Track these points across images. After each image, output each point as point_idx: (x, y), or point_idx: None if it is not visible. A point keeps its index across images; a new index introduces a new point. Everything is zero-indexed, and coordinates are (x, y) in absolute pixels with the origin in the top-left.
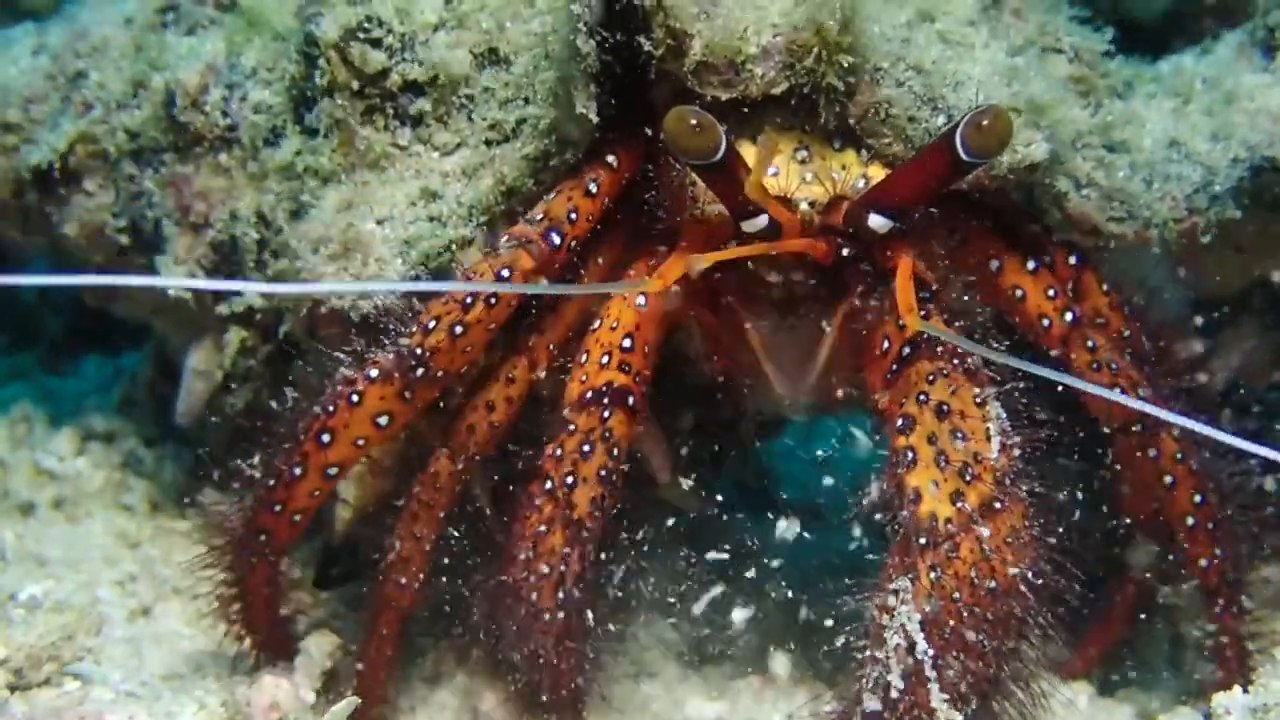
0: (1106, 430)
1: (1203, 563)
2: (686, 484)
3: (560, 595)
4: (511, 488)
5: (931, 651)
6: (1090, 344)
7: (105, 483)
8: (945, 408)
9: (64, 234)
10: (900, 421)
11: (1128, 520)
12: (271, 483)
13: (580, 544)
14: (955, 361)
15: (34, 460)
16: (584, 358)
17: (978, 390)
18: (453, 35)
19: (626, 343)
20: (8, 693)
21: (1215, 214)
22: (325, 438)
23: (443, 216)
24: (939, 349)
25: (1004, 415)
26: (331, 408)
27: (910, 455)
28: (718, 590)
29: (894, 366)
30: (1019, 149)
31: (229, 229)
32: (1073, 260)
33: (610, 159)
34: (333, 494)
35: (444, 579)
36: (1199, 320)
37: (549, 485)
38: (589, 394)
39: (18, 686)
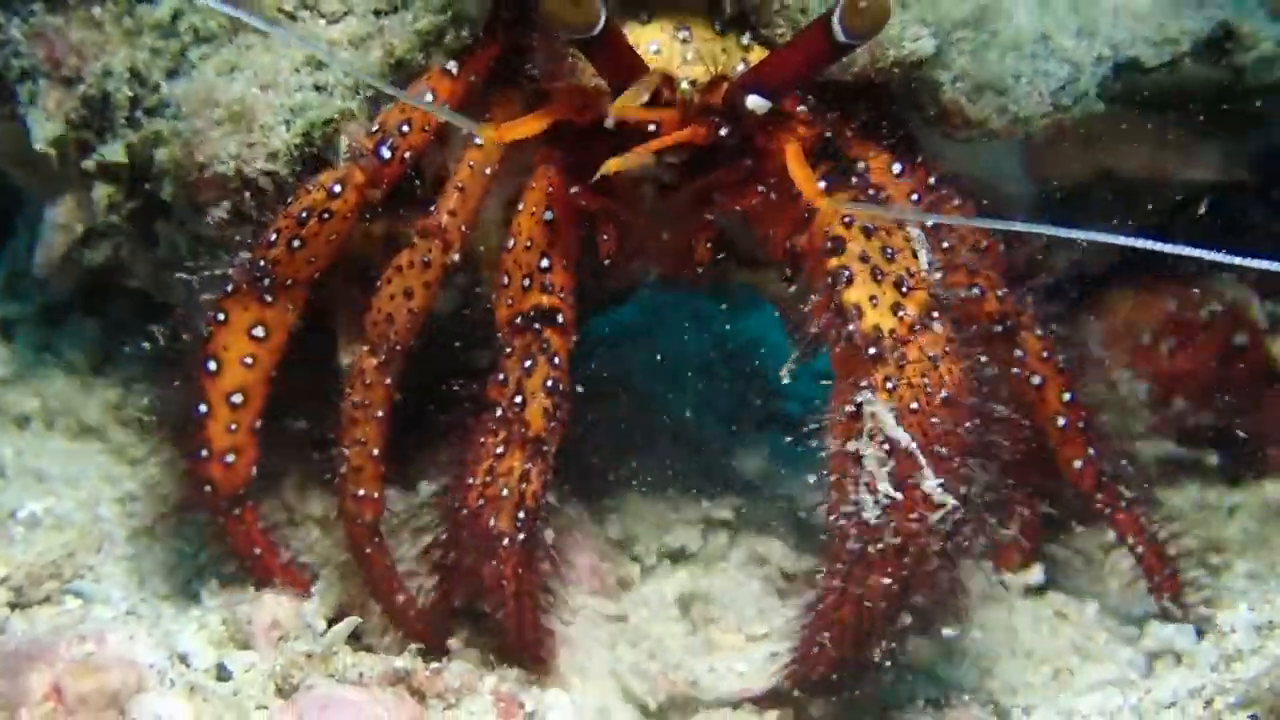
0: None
1: (1076, 464)
2: None
3: (520, 516)
4: (446, 417)
5: (916, 441)
6: (945, 245)
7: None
8: (871, 227)
9: None
10: (829, 244)
11: None
12: (187, 429)
13: (539, 458)
14: (873, 191)
15: None
16: (505, 280)
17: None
18: None
19: (544, 263)
20: (8, 610)
21: (1080, 111)
22: (212, 365)
23: (329, 86)
24: (856, 180)
25: (924, 236)
26: (206, 333)
27: (846, 274)
28: None
29: (805, 214)
30: (906, 44)
31: (101, 85)
32: (931, 180)
33: (450, 67)
34: (255, 428)
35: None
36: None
37: (499, 410)
38: (518, 319)
39: (18, 604)
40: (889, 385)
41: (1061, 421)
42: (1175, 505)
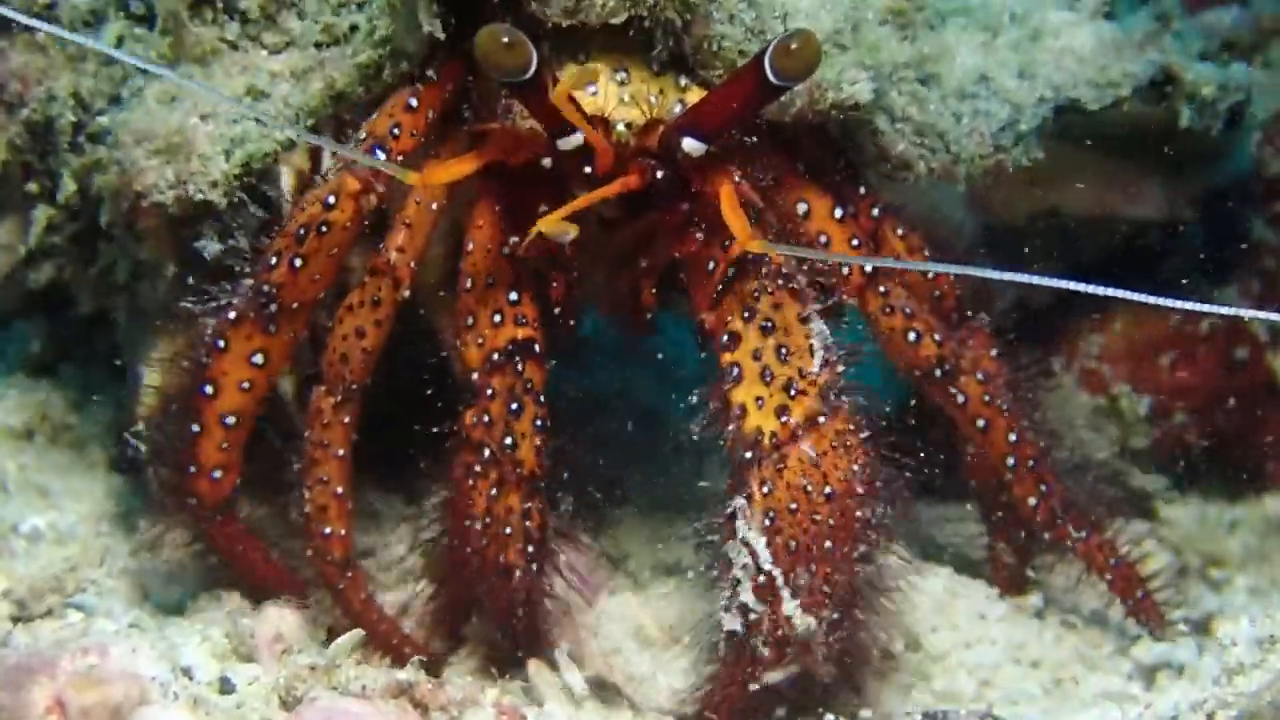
0: (912, 380)
1: (1030, 501)
2: None
3: (530, 550)
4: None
5: (777, 563)
6: (883, 290)
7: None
8: (770, 324)
9: None
10: (726, 338)
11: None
12: (177, 446)
13: (537, 495)
14: (780, 280)
15: None
16: (469, 320)
17: (801, 308)
18: None
19: (513, 296)
20: (10, 624)
21: (1020, 153)
22: (209, 389)
23: (269, 117)
24: (764, 269)
25: (826, 331)
26: (205, 358)
27: (735, 371)
28: None
29: (719, 286)
30: (845, 87)
31: (45, 110)
32: (875, 212)
33: (430, 73)
34: (244, 445)
35: None
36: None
37: (487, 453)
38: (495, 355)
39: (20, 618)
40: (764, 490)
41: (1011, 461)
42: (1176, 519)
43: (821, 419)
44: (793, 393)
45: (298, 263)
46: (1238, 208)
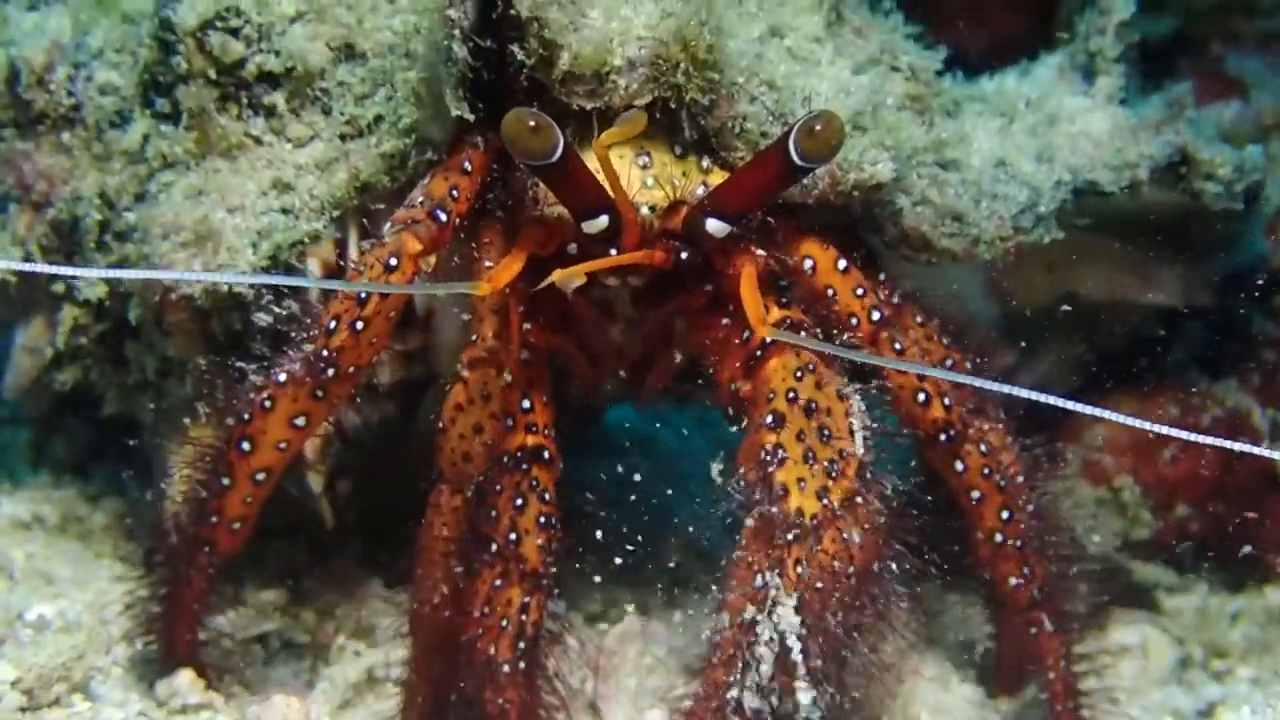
0: (916, 440)
1: (1012, 581)
2: None
3: (521, 646)
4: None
5: (801, 642)
6: (898, 346)
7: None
8: (814, 405)
9: None
10: (770, 418)
11: None
12: (204, 495)
13: (539, 592)
14: (818, 362)
15: None
16: (478, 424)
17: (840, 380)
18: (310, 28)
19: (525, 404)
20: (20, 714)
21: (1039, 234)
22: (246, 445)
23: (295, 209)
24: (803, 334)
25: (864, 408)
26: (247, 415)
27: (780, 452)
28: None
29: (757, 353)
30: (866, 168)
31: (71, 209)
32: (896, 299)
33: (479, 140)
34: (266, 500)
35: None
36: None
37: (494, 547)
38: (505, 459)
39: (28, 708)
40: (799, 568)
41: (999, 538)
42: (1179, 610)
43: (859, 499)
44: (834, 474)
45: (359, 325)
46: (1240, 299)
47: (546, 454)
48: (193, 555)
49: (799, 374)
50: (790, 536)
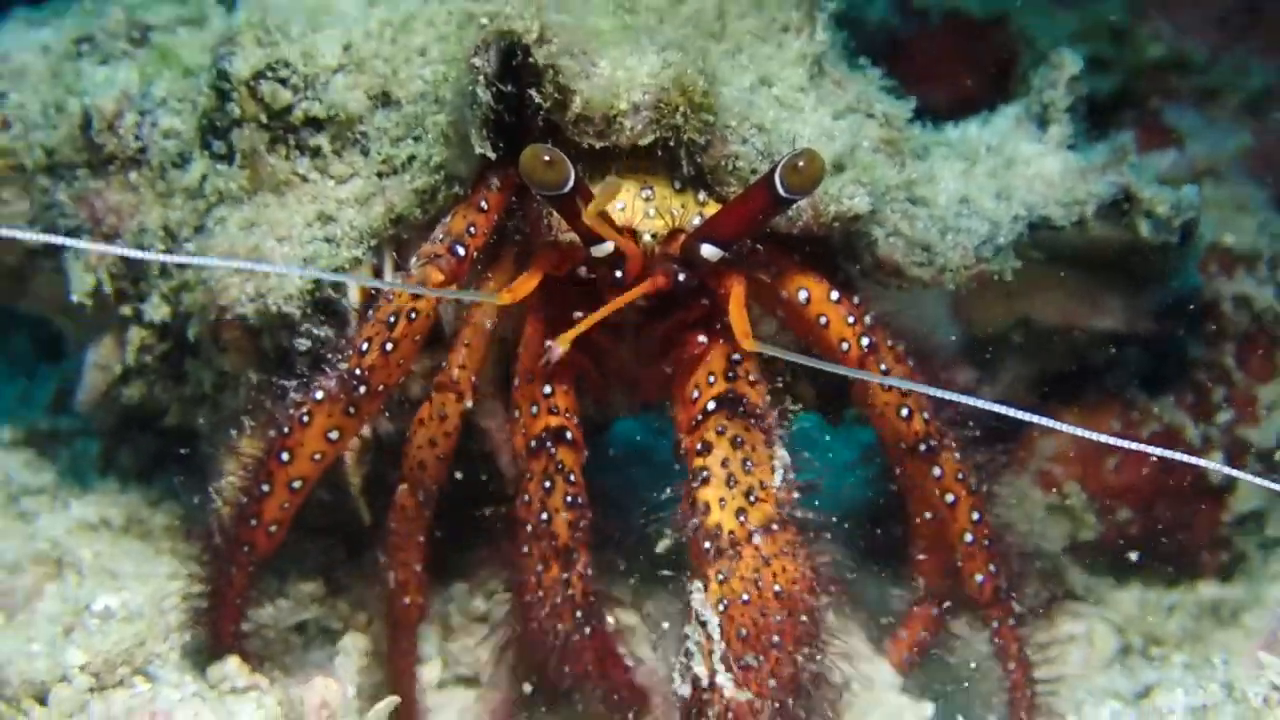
0: (896, 451)
1: (978, 578)
2: None
3: (579, 615)
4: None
5: (728, 646)
6: (884, 368)
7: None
8: (740, 440)
9: None
10: (699, 446)
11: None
12: (245, 500)
13: (572, 566)
14: (752, 420)
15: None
16: (517, 414)
17: (767, 440)
18: (350, 78)
19: (547, 389)
20: (88, 695)
21: (999, 263)
22: (285, 456)
23: (336, 238)
24: (740, 409)
25: (789, 460)
26: (286, 429)
27: (705, 474)
28: None
29: (699, 416)
30: (845, 200)
31: (137, 240)
32: (868, 320)
33: (495, 181)
34: (301, 505)
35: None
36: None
37: (529, 528)
38: (533, 442)
39: (95, 689)
40: (720, 578)
41: (969, 538)
42: (1120, 603)
43: (775, 526)
44: (752, 499)
45: (389, 347)
46: (1177, 326)
47: (569, 434)
48: (235, 555)
49: (730, 418)
50: (707, 547)
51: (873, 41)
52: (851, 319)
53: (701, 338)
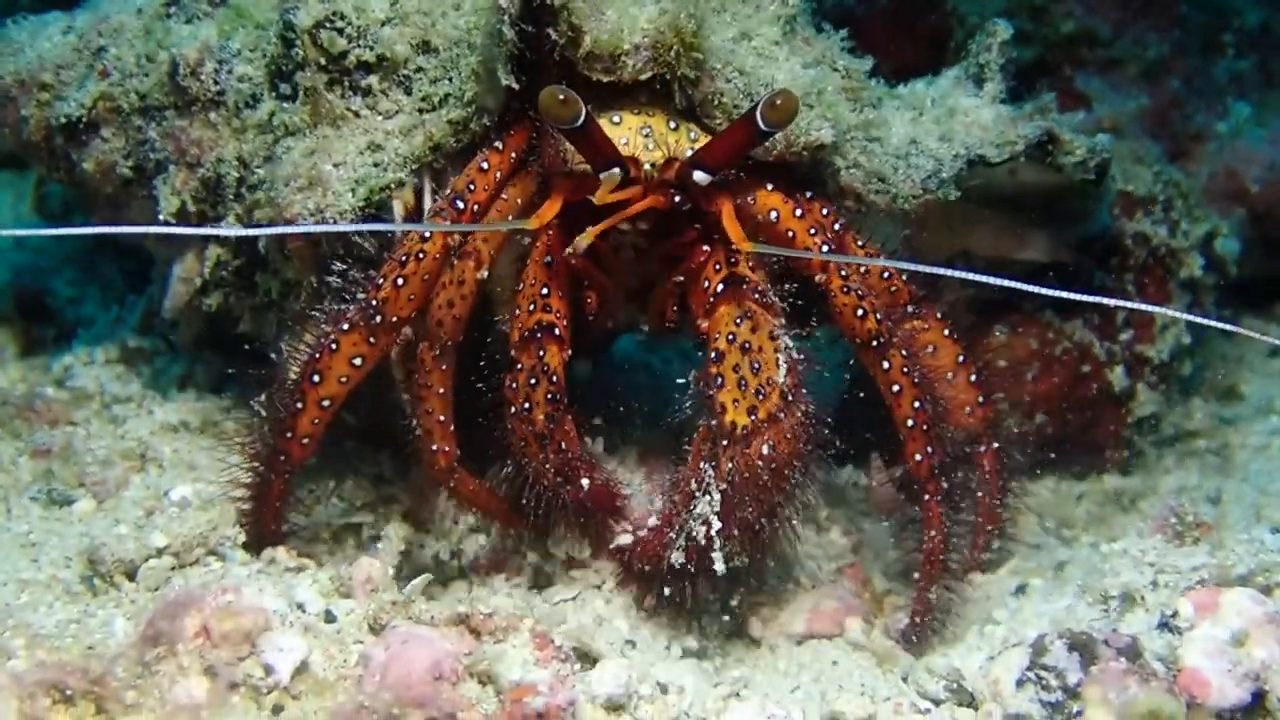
0: (854, 346)
1: (917, 456)
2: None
3: (559, 478)
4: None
5: (721, 522)
6: (844, 273)
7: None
8: (748, 345)
9: (83, 169)
10: (714, 354)
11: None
12: (282, 415)
13: (549, 446)
14: (757, 295)
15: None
16: (517, 310)
17: (774, 323)
18: (396, 30)
19: (544, 291)
20: (170, 571)
21: (942, 193)
22: (315, 378)
23: (384, 163)
24: (744, 287)
25: (791, 345)
26: (317, 355)
27: (720, 380)
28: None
29: (710, 300)
30: (812, 132)
31: (216, 169)
32: (837, 226)
33: (498, 144)
34: (332, 421)
35: None
36: None
37: (513, 410)
38: (525, 333)
39: (176, 567)
40: (730, 463)
41: (910, 423)
42: (1037, 492)
43: (781, 415)
44: (760, 397)
45: (399, 282)
46: (1089, 258)
47: (558, 330)
48: (274, 462)
49: (739, 320)
50: (725, 442)
51: (829, 18)
52: (813, 230)
53: (704, 248)
